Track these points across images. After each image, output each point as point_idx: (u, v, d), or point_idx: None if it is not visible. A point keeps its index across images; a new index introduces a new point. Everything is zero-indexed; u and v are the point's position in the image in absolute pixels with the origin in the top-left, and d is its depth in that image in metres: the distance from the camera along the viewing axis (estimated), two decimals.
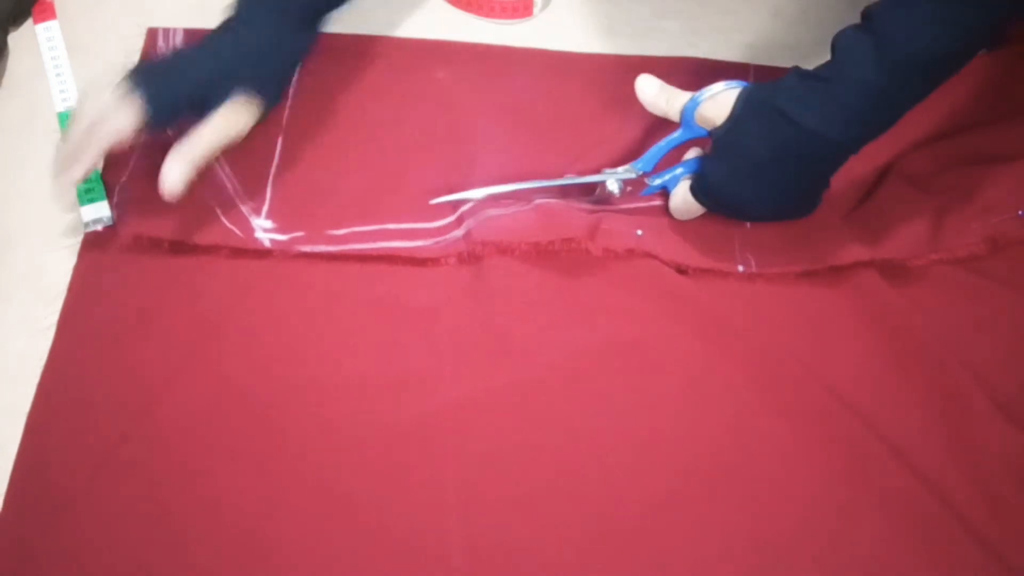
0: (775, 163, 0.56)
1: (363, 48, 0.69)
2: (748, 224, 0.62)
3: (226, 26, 0.59)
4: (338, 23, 0.71)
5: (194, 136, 0.57)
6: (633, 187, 0.62)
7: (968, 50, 0.54)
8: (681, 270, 0.61)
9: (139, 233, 0.60)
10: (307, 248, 0.60)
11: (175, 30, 0.68)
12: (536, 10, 0.72)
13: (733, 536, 0.54)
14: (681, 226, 0.62)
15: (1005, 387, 0.58)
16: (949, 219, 0.63)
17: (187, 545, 0.52)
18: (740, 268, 0.61)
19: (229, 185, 0.62)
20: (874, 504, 0.54)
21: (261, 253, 0.60)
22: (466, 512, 0.53)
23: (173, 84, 0.57)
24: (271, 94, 0.61)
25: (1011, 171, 0.64)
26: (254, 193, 0.62)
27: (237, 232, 0.60)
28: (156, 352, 0.57)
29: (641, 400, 0.57)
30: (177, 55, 0.60)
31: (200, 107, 0.58)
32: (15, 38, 0.70)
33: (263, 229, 0.61)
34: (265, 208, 0.62)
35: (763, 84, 0.57)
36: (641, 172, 0.62)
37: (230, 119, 0.58)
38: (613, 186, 0.62)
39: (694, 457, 0.56)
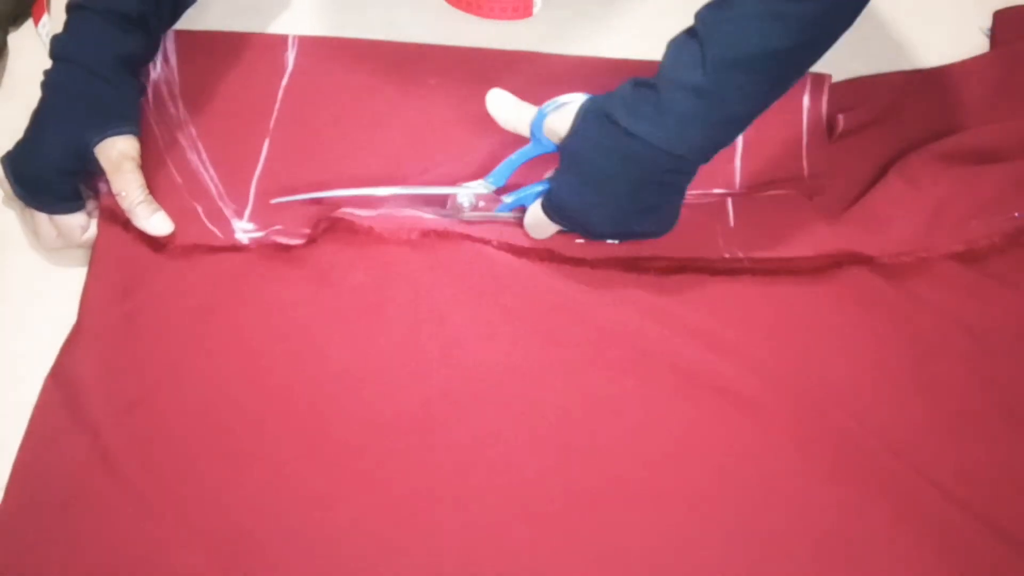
0: (616, 176, 0.54)
1: (353, 53, 0.69)
2: (731, 223, 0.62)
3: (48, 84, 0.59)
4: (337, 22, 0.71)
5: (122, 189, 0.59)
6: (487, 202, 0.61)
7: (803, 46, 0.51)
8: (671, 271, 0.61)
9: (122, 228, 0.60)
10: (283, 240, 0.61)
11: (169, 31, 0.68)
12: (536, 10, 0.72)
13: (729, 534, 0.54)
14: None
15: (1004, 386, 0.58)
16: (948, 218, 0.63)
17: (178, 541, 0.52)
18: (726, 255, 0.61)
19: (213, 188, 0.63)
20: (873, 502, 0.54)
21: (237, 248, 0.61)
22: (456, 506, 0.54)
23: (48, 185, 0.59)
24: (126, 122, 0.60)
25: (1011, 171, 0.64)
26: (237, 196, 0.63)
27: (218, 233, 0.61)
28: (146, 349, 0.58)
29: (632, 396, 0.57)
30: (25, 146, 0.59)
31: (81, 168, 0.59)
32: (15, 38, 0.71)
33: (243, 231, 0.61)
34: (248, 211, 0.62)
35: (601, 94, 0.55)
36: (494, 187, 0.61)
37: (114, 156, 0.59)
38: (464, 199, 0.61)
39: (689, 454, 0.56)
